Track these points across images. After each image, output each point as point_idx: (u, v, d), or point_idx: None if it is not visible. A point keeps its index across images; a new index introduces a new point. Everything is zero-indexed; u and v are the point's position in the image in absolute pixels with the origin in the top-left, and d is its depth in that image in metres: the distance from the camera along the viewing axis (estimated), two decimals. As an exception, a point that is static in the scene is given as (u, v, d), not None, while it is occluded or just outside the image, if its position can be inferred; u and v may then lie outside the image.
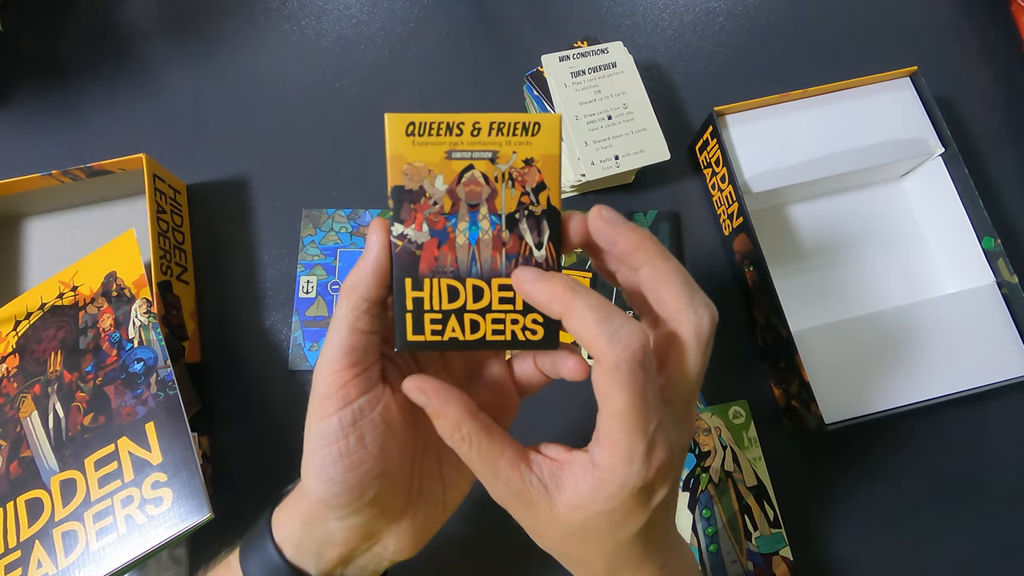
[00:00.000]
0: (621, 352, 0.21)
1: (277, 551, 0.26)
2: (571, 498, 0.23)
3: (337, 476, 0.24)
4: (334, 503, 0.24)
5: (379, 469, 0.24)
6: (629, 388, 0.21)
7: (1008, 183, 0.52)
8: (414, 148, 0.24)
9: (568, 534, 0.24)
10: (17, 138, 0.52)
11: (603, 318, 0.21)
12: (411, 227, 0.24)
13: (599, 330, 0.21)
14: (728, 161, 0.46)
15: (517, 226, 0.24)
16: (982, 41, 0.56)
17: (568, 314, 0.22)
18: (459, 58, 0.55)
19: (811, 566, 0.43)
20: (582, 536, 0.24)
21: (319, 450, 0.24)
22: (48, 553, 0.35)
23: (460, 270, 0.24)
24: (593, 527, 0.23)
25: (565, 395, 0.46)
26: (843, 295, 0.48)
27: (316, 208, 0.50)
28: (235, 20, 0.56)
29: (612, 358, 0.21)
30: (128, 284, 0.41)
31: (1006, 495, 0.45)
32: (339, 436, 0.24)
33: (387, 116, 0.23)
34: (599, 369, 0.22)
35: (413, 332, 0.24)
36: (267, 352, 0.47)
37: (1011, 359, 0.44)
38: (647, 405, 0.22)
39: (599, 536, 0.24)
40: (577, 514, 0.23)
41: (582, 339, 0.22)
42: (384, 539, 0.27)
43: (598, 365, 0.22)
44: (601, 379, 0.22)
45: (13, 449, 0.38)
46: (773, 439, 0.45)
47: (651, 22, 0.56)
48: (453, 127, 0.24)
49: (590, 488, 0.23)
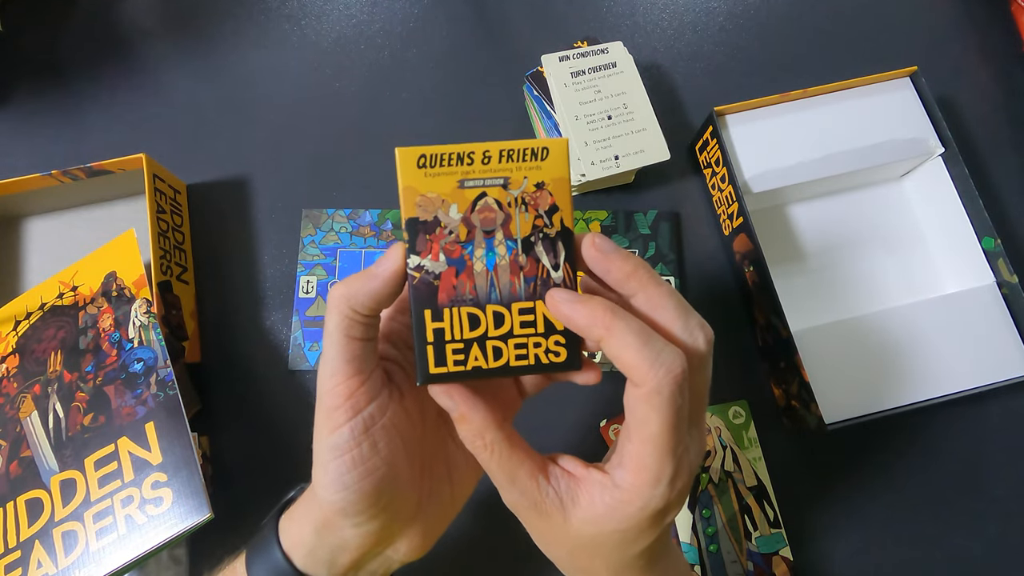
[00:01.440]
0: (663, 376, 0.21)
1: (286, 559, 0.26)
2: (586, 514, 0.23)
3: (353, 484, 0.24)
4: (351, 511, 0.24)
5: (393, 474, 0.25)
6: (668, 412, 0.21)
7: (1008, 183, 0.52)
8: (426, 180, 0.24)
9: (577, 546, 0.25)
10: (17, 138, 0.52)
11: (645, 342, 0.21)
12: (427, 258, 0.24)
13: (641, 355, 0.21)
14: (728, 161, 0.46)
15: (533, 249, 0.24)
16: (982, 41, 0.56)
17: (609, 338, 0.22)
18: (459, 58, 0.55)
19: (811, 566, 0.43)
20: (591, 550, 0.24)
21: (331, 461, 0.24)
22: (48, 553, 0.35)
23: (479, 297, 0.24)
24: (604, 542, 0.24)
25: (565, 395, 0.46)
26: (843, 295, 0.48)
27: (316, 208, 0.50)
28: (235, 20, 0.56)
29: (654, 383, 0.21)
30: (128, 284, 0.41)
31: (1006, 495, 0.45)
32: (352, 445, 0.24)
33: (398, 151, 0.24)
34: (637, 394, 0.22)
35: (435, 364, 0.23)
36: (267, 352, 0.47)
37: (1011, 359, 0.44)
38: (680, 430, 0.22)
39: (608, 551, 0.24)
40: (590, 528, 0.24)
41: (623, 362, 0.22)
42: (396, 542, 0.27)
43: (636, 389, 0.22)
44: (638, 404, 0.22)
45: (13, 449, 0.38)
46: (773, 439, 0.45)
47: (651, 22, 0.56)
48: (464, 157, 0.24)
49: (607, 508, 0.23)
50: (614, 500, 0.23)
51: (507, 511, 0.25)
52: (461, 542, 0.43)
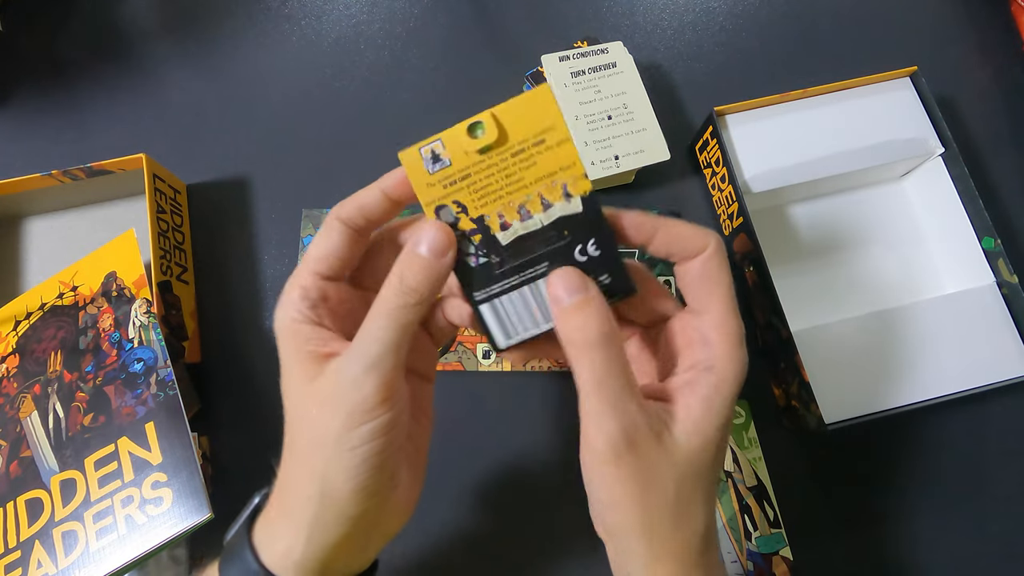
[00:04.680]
0: (715, 240, 0.25)
1: (258, 564, 0.25)
2: (686, 424, 0.23)
3: (376, 465, 0.23)
4: (372, 488, 0.24)
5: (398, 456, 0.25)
6: (727, 270, 0.24)
7: (1008, 183, 0.52)
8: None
9: (683, 476, 0.23)
10: (17, 138, 0.52)
11: (688, 224, 0.25)
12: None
13: (693, 229, 0.25)
14: (728, 161, 0.46)
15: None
16: (982, 41, 0.56)
17: (661, 227, 0.25)
18: (459, 58, 0.55)
19: (811, 566, 0.43)
20: (695, 476, 0.24)
21: (364, 444, 0.23)
22: (48, 553, 0.35)
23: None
24: (706, 457, 0.24)
25: (563, 396, 0.46)
26: (843, 295, 0.48)
27: (316, 208, 0.50)
28: (235, 20, 0.56)
29: (714, 243, 0.25)
30: (128, 284, 0.41)
31: (1006, 495, 0.45)
32: (387, 435, 0.23)
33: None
34: (702, 259, 0.25)
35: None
36: (267, 352, 0.47)
37: (1011, 359, 0.44)
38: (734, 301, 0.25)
39: (709, 468, 0.24)
40: (695, 440, 0.23)
41: (682, 237, 0.25)
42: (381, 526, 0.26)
43: (696, 260, 0.25)
44: (705, 266, 0.25)
45: (13, 449, 0.38)
46: (773, 439, 0.45)
47: (651, 22, 0.56)
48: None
49: (706, 402, 0.24)
50: (709, 388, 0.24)
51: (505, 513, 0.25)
52: (462, 541, 0.43)
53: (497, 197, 0.24)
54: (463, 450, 0.44)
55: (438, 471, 0.43)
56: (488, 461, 0.44)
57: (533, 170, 0.24)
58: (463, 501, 0.44)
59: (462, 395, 0.46)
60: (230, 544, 0.27)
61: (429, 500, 0.43)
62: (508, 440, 0.45)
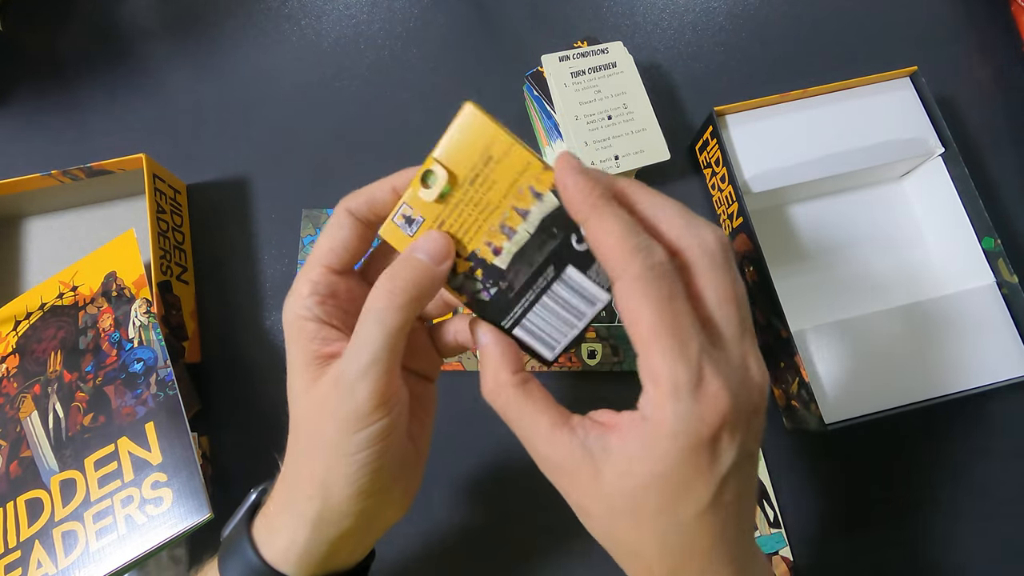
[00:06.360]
0: (644, 260, 0.20)
1: (259, 558, 0.25)
2: (618, 461, 0.20)
3: (379, 466, 0.24)
4: (373, 489, 0.24)
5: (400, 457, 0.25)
6: (656, 296, 0.19)
7: (1008, 183, 0.52)
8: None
9: (617, 510, 0.21)
10: (17, 138, 0.52)
11: (628, 231, 0.20)
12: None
13: (623, 242, 0.20)
14: (728, 161, 0.46)
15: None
16: (982, 41, 0.56)
17: (593, 218, 0.21)
18: (459, 58, 0.55)
19: (811, 566, 0.43)
20: (632, 513, 0.21)
21: (361, 452, 0.23)
22: (48, 553, 0.35)
23: None
24: (644, 501, 0.20)
25: (561, 396, 0.46)
26: (843, 295, 0.48)
27: (316, 208, 0.50)
28: (235, 20, 0.56)
29: (635, 268, 0.20)
30: (128, 284, 0.41)
31: (1007, 495, 0.45)
32: (385, 440, 0.23)
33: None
34: (620, 286, 0.20)
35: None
36: (267, 352, 0.47)
37: (1011, 359, 0.44)
38: (679, 318, 0.19)
39: (652, 513, 0.20)
40: (626, 481, 0.20)
41: (602, 247, 0.21)
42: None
43: (619, 282, 0.20)
44: (624, 295, 0.20)
45: (13, 449, 0.38)
46: (773, 439, 0.45)
47: (651, 22, 0.56)
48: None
49: (639, 445, 0.20)
50: (644, 433, 0.20)
51: (506, 512, 0.25)
52: (460, 541, 0.43)
53: (477, 228, 0.24)
54: (463, 450, 0.44)
55: (438, 471, 0.43)
56: (488, 461, 0.44)
57: (496, 188, 0.24)
58: (463, 501, 0.44)
59: (462, 395, 0.45)
60: (228, 539, 0.27)
61: (429, 500, 0.43)
62: (508, 440, 0.45)
